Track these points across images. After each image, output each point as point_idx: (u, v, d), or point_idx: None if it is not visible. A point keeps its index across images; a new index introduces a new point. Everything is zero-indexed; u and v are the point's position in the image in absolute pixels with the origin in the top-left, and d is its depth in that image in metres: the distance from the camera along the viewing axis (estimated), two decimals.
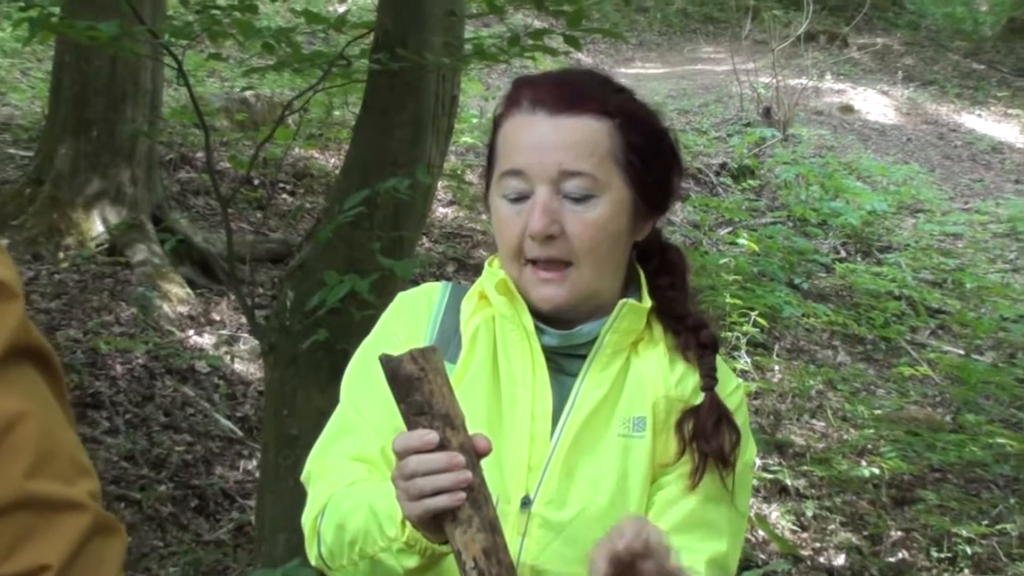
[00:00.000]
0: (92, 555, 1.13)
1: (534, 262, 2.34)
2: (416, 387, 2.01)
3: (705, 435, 2.36)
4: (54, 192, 9.50)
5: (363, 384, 2.43)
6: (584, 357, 2.40)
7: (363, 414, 2.40)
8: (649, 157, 2.40)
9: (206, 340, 8.81)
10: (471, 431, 2.04)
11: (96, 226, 9.44)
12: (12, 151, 11.24)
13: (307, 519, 2.37)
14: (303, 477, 2.46)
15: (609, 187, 2.34)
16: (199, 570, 6.52)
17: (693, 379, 2.42)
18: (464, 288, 2.52)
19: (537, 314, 2.38)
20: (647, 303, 2.43)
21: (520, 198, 2.34)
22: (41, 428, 1.13)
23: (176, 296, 9.11)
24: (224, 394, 8.22)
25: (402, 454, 2.00)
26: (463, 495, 1.96)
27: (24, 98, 13.48)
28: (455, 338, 2.43)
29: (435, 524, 2.01)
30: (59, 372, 1.17)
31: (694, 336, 2.45)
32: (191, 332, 8.86)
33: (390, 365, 2.04)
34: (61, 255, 9.17)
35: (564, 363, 2.40)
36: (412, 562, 2.14)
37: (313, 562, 2.38)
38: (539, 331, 2.38)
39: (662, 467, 2.37)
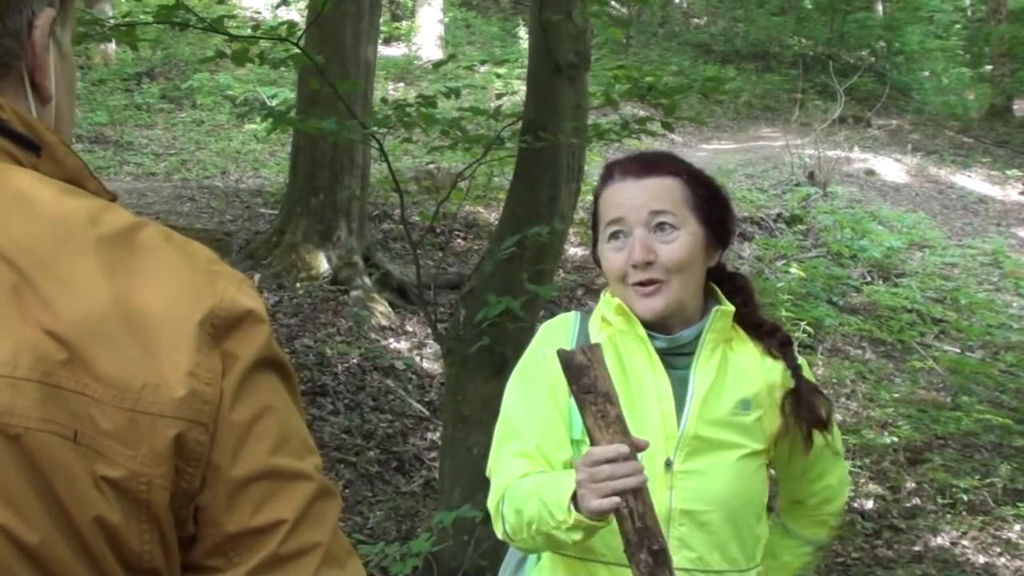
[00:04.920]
0: (316, 513, 1.14)
1: (637, 284, 2.38)
2: (584, 372, 2.05)
3: (807, 409, 2.44)
4: (292, 239, 9.61)
5: (521, 397, 2.47)
6: (686, 355, 2.42)
7: (520, 420, 2.43)
8: (711, 203, 2.45)
9: (402, 345, 8.86)
10: None
11: (323, 264, 9.54)
12: (263, 210, 11.40)
13: (491, 504, 2.40)
14: (487, 472, 2.48)
15: (687, 223, 2.39)
16: (398, 513, 6.55)
17: (780, 369, 2.47)
18: (587, 315, 2.54)
19: (645, 325, 2.40)
20: (730, 308, 2.46)
21: (621, 239, 2.40)
22: (280, 418, 1.14)
23: (381, 313, 9.16)
24: (415, 385, 8.26)
25: (599, 462, 2.04)
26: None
27: (271, 172, 13.69)
28: None
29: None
30: (293, 377, 1.18)
31: (773, 338, 2.51)
32: (391, 340, 8.90)
33: (565, 356, 2.08)
34: (298, 285, 9.27)
35: (672, 360, 2.41)
36: (578, 536, 2.15)
37: (500, 536, 2.41)
38: (651, 337, 2.40)
39: (773, 437, 2.44)
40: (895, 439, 7.99)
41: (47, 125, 1.18)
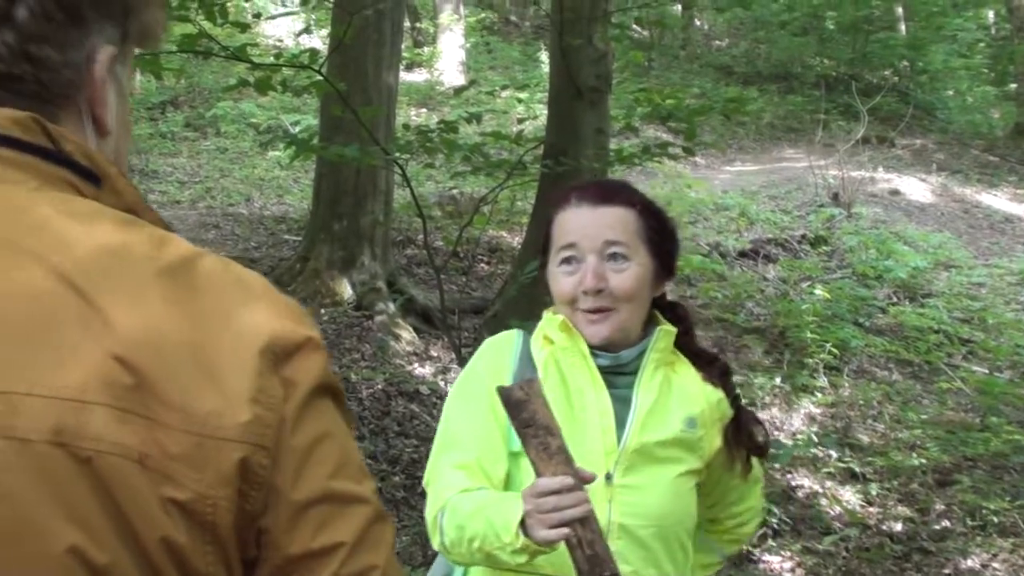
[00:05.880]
0: (374, 536, 1.17)
1: (586, 311, 2.45)
2: (523, 407, 2.10)
3: (747, 437, 2.57)
4: (316, 265, 9.66)
5: (461, 409, 2.53)
6: (627, 375, 2.50)
7: (461, 432, 2.48)
8: (662, 235, 2.53)
9: (427, 370, 8.87)
10: None
11: (347, 289, 9.57)
12: (287, 237, 11.47)
13: (429, 515, 2.42)
14: (424, 481, 2.51)
15: (638, 253, 2.47)
16: (423, 538, 6.56)
17: (720, 397, 2.56)
18: (530, 333, 2.59)
19: (588, 346, 2.48)
20: (672, 328, 2.55)
21: (573, 264, 2.47)
22: (339, 443, 1.18)
23: (405, 339, 9.19)
24: (440, 410, 8.26)
25: (544, 493, 2.08)
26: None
27: (295, 199, 13.76)
28: (531, 366, 2.48)
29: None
30: (345, 403, 1.22)
31: (713, 367, 2.60)
32: (416, 365, 8.92)
33: (504, 392, 2.13)
34: (322, 311, 9.30)
35: (613, 379, 2.48)
36: (523, 559, 2.18)
37: (436, 548, 2.43)
38: (593, 355, 2.47)
39: (712, 459, 2.54)
40: (923, 461, 7.94)
41: (106, 157, 1.22)
